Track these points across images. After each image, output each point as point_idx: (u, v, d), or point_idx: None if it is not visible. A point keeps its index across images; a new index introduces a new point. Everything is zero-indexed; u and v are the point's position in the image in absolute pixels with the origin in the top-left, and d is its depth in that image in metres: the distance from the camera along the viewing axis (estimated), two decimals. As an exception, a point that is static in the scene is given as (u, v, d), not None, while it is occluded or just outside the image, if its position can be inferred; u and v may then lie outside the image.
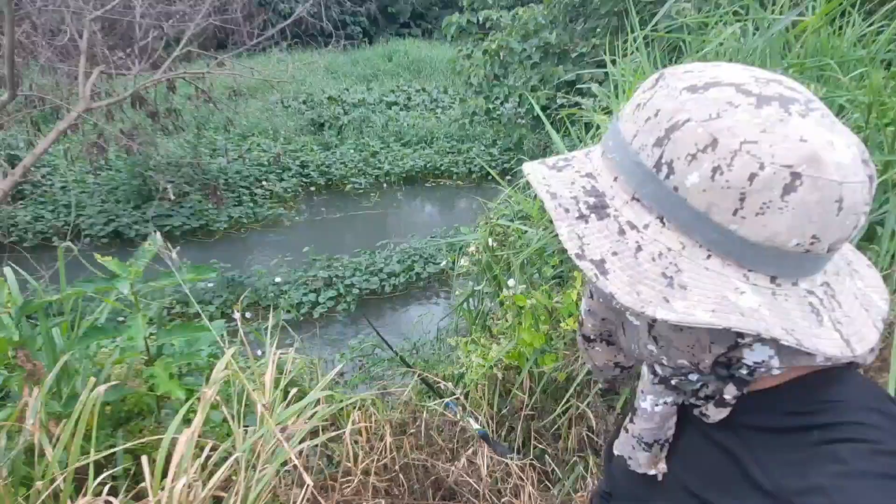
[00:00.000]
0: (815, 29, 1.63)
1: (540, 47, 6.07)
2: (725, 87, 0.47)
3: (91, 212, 7.17)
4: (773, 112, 0.45)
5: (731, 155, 0.44)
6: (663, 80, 0.51)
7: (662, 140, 0.47)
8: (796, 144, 0.44)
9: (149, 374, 1.33)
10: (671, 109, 0.48)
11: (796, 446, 0.49)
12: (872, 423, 0.48)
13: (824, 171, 0.43)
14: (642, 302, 0.46)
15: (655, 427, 0.59)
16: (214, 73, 7.16)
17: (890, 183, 1.44)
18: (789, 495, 0.46)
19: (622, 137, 0.52)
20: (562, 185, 0.54)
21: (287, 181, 8.47)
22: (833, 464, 0.45)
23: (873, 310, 0.52)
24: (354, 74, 14.69)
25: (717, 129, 0.45)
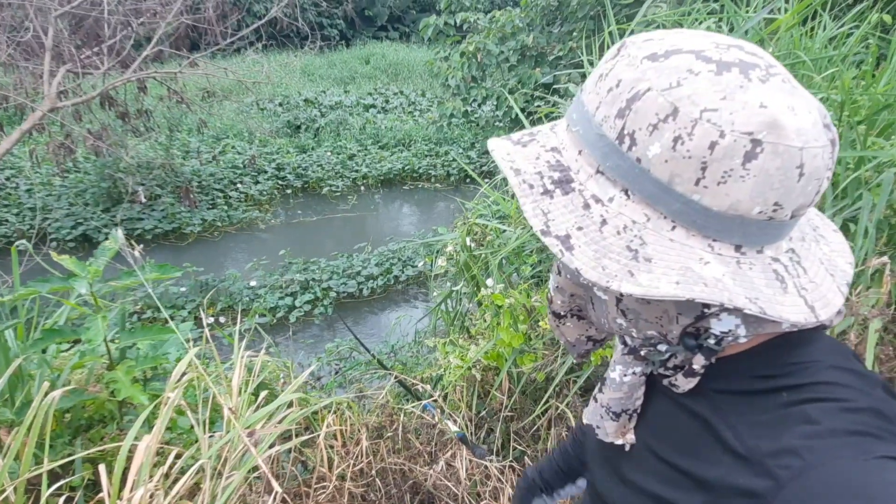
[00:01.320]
0: (788, 28, 1.64)
1: (517, 50, 6.08)
2: (686, 54, 0.46)
3: (58, 215, 6.97)
4: (733, 78, 0.44)
5: (692, 124, 0.43)
6: (625, 49, 0.49)
7: (624, 111, 0.46)
8: (756, 111, 0.43)
9: (109, 378, 1.27)
10: (632, 79, 0.46)
11: (766, 408, 0.49)
12: (840, 381, 0.49)
13: (784, 136, 0.43)
14: (607, 276, 0.46)
15: (624, 396, 0.61)
16: (186, 74, 7.02)
17: (863, 179, 1.45)
18: (761, 457, 0.46)
19: (586, 109, 0.50)
20: (526, 161, 0.52)
21: (262, 184, 8.36)
22: (803, 424, 0.46)
23: (839, 274, 0.52)
24: (331, 77, 14.60)
25: (678, 98, 0.44)
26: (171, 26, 6.70)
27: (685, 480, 0.53)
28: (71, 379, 1.33)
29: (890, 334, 1.65)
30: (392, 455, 1.81)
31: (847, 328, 1.41)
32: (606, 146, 0.48)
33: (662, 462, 0.57)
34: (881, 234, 1.56)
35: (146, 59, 6.64)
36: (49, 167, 7.73)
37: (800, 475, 0.42)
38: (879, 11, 2.02)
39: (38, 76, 5.84)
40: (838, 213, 1.46)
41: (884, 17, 1.93)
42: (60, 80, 5.76)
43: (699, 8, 2.32)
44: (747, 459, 0.47)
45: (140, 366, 1.32)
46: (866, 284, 1.41)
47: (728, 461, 0.49)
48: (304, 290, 5.32)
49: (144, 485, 0.97)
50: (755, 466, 0.46)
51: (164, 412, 1.10)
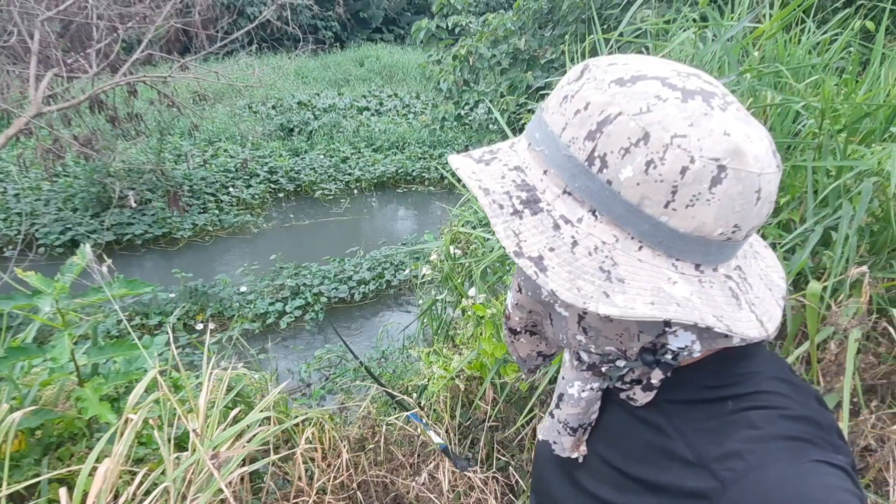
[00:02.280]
0: (770, 35, 1.63)
1: (509, 53, 6.08)
2: (651, 80, 0.47)
3: (46, 220, 6.92)
4: (697, 106, 0.46)
5: (664, 149, 0.45)
6: (588, 71, 0.50)
7: (594, 133, 0.47)
8: (721, 138, 0.45)
9: (77, 396, 1.24)
10: (602, 102, 0.47)
11: (713, 416, 0.52)
12: (779, 391, 0.52)
13: (745, 163, 0.45)
14: (583, 297, 0.46)
15: (581, 412, 0.62)
16: (177, 77, 6.98)
17: (843, 188, 1.44)
18: (708, 462, 0.49)
19: (550, 130, 0.51)
20: (492, 180, 0.52)
21: (255, 187, 8.32)
22: (747, 429, 0.49)
23: (775, 289, 0.55)
24: (325, 79, 14.57)
25: (649, 123, 0.45)
26: (162, 30, 6.68)
27: (637, 486, 0.55)
28: (41, 396, 1.30)
29: (872, 342, 1.65)
30: (374, 467, 1.79)
31: (827, 338, 1.40)
32: (575, 167, 0.48)
33: (615, 470, 0.59)
34: (862, 242, 1.56)
35: (136, 62, 6.61)
36: (38, 172, 7.68)
37: (743, 476, 0.45)
38: (862, 18, 2.01)
39: (25, 80, 5.81)
40: (819, 222, 1.45)
41: (867, 23, 1.93)
42: (47, 84, 5.72)
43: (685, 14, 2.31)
44: (695, 464, 0.50)
45: (112, 382, 1.30)
46: (846, 294, 1.40)
47: (678, 466, 0.51)
48: (295, 295, 5.29)
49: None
50: (703, 470, 0.49)
51: (126, 435, 1.07)
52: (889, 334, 1.58)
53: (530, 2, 5.97)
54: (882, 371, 1.68)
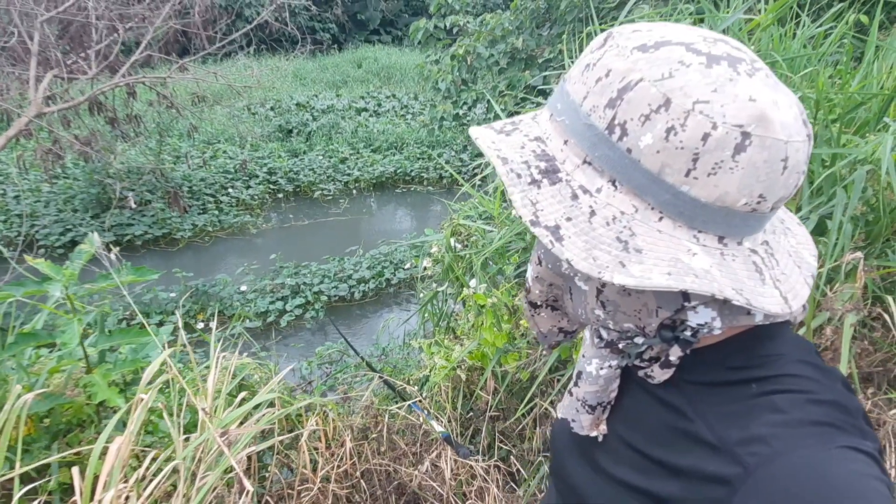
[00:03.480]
0: (765, 28, 1.65)
1: (507, 52, 6.10)
2: (675, 46, 0.46)
3: (46, 221, 6.93)
4: (722, 71, 0.45)
5: (685, 115, 0.44)
6: (612, 39, 0.49)
7: (615, 101, 0.46)
8: (746, 104, 0.44)
9: (86, 381, 1.27)
10: (623, 69, 0.46)
11: (737, 399, 0.51)
12: (805, 374, 0.51)
13: (772, 130, 0.44)
14: (599, 267, 0.46)
15: (600, 390, 0.60)
16: (175, 78, 7.00)
17: (838, 176, 1.47)
18: (731, 445, 0.47)
19: (571, 100, 0.50)
20: (512, 150, 0.51)
21: (254, 188, 8.34)
22: (771, 413, 0.47)
23: (804, 266, 0.54)
24: (323, 81, 14.59)
25: (670, 89, 0.44)
26: (160, 31, 6.70)
27: (658, 469, 0.54)
28: (49, 383, 1.32)
29: (866, 328, 1.67)
30: (377, 456, 1.81)
31: (823, 324, 1.42)
32: (595, 136, 0.48)
33: (635, 452, 0.58)
34: (858, 230, 1.58)
35: (135, 63, 6.62)
36: (37, 173, 7.69)
37: (767, 462, 0.44)
38: (857, 12, 2.04)
39: (25, 82, 5.82)
40: (814, 210, 1.48)
41: (861, 17, 1.96)
42: (47, 85, 5.73)
43: (681, 9, 2.34)
44: (717, 448, 0.48)
45: (119, 369, 1.32)
46: (840, 280, 1.42)
47: (699, 450, 0.50)
48: (295, 294, 5.31)
49: (115, 486, 0.97)
50: (725, 454, 0.47)
51: (136, 414, 1.09)
52: (885, 321, 1.61)
53: (528, 1, 6.00)
54: (878, 358, 1.70)
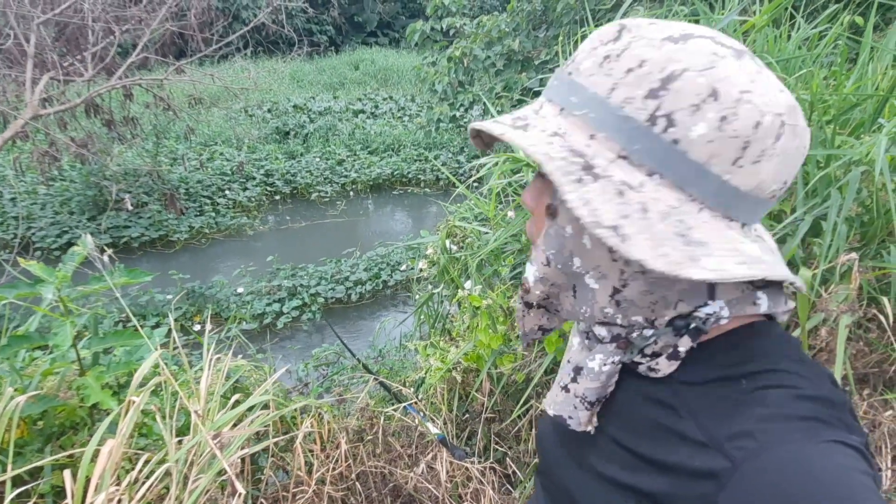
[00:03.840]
0: (759, 29, 1.66)
1: (503, 54, 6.11)
2: (700, 38, 0.46)
3: (42, 223, 6.92)
4: (750, 63, 0.46)
5: (735, 104, 0.44)
6: (629, 31, 0.48)
7: (657, 91, 0.45)
8: (779, 94, 0.46)
9: (79, 384, 1.26)
10: (661, 59, 0.45)
11: (726, 395, 0.50)
12: (794, 370, 0.50)
13: (800, 119, 0.47)
14: (673, 264, 0.44)
15: (601, 386, 0.59)
16: (172, 80, 7.00)
17: (832, 177, 1.47)
18: (720, 442, 0.47)
19: (592, 93, 0.48)
20: (544, 146, 0.48)
21: (251, 190, 8.33)
22: (759, 409, 0.47)
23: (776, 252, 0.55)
24: (320, 83, 14.60)
25: (717, 79, 0.44)
26: (157, 33, 6.69)
27: (646, 466, 0.53)
28: (42, 386, 1.31)
29: (862, 329, 1.67)
30: (372, 458, 1.81)
31: (818, 324, 1.42)
32: (633, 129, 0.46)
33: (624, 449, 0.57)
34: (853, 231, 1.58)
35: (131, 66, 6.62)
36: (33, 176, 7.67)
37: (754, 456, 0.44)
38: (852, 13, 2.05)
39: (21, 84, 5.81)
40: (809, 212, 1.48)
41: (856, 19, 1.96)
42: (43, 87, 5.72)
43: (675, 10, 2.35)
44: (706, 445, 0.48)
45: (113, 372, 1.31)
46: (836, 281, 1.42)
47: (688, 446, 0.50)
48: (292, 296, 5.30)
49: (107, 489, 0.97)
50: (713, 450, 0.47)
51: (128, 416, 1.09)
52: (880, 322, 1.61)
53: (524, 3, 6.01)
54: (874, 359, 1.70)
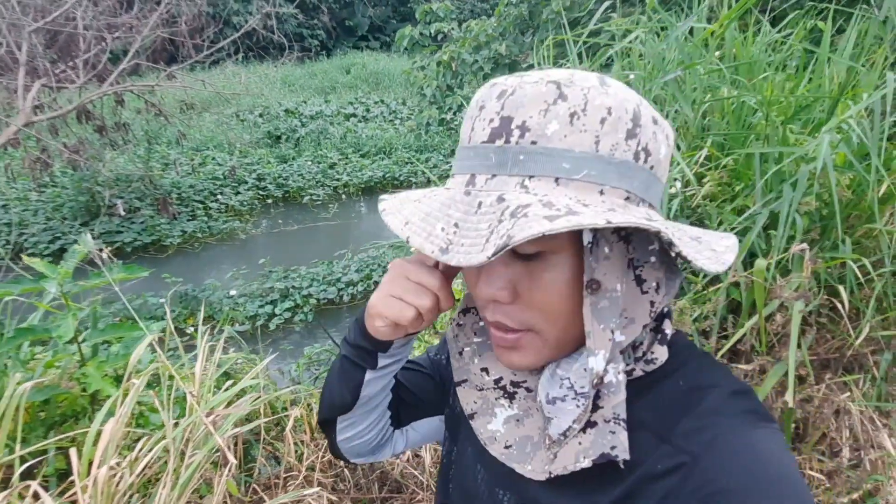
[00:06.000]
0: (721, 33, 1.76)
1: (491, 58, 6.21)
2: (597, 79, 0.52)
3: (34, 230, 6.95)
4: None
5: (664, 124, 0.53)
6: (566, 87, 0.49)
7: (633, 131, 0.49)
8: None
9: (81, 373, 1.33)
10: (619, 104, 0.49)
11: (670, 398, 0.55)
12: (713, 366, 0.57)
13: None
14: (719, 263, 0.50)
15: (623, 397, 0.54)
16: (164, 86, 7.05)
17: (787, 173, 1.57)
18: (676, 439, 0.51)
19: (580, 152, 0.48)
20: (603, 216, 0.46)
21: (243, 194, 8.39)
22: (701, 407, 0.52)
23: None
24: (312, 87, 14.67)
25: (649, 108, 0.52)
26: (148, 39, 6.75)
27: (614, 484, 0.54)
28: (45, 376, 1.39)
29: (823, 317, 1.77)
30: (360, 447, 1.88)
31: (773, 311, 1.52)
32: (630, 169, 0.50)
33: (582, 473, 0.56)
34: (811, 224, 1.68)
35: (123, 72, 6.67)
36: (25, 182, 7.71)
37: (710, 446, 0.49)
38: (814, 18, 2.15)
39: (13, 91, 5.86)
40: (766, 205, 1.58)
41: (819, 23, 2.07)
42: (35, 94, 5.77)
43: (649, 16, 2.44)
44: (662, 446, 0.51)
45: (112, 363, 1.39)
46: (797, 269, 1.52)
47: (650, 454, 0.52)
48: (285, 297, 5.37)
49: (108, 463, 1.04)
50: (673, 449, 0.51)
51: (129, 398, 1.17)
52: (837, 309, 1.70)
53: (511, 8, 6.11)
54: (835, 345, 1.80)
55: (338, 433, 0.76)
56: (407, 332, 0.65)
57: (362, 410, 0.73)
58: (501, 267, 0.53)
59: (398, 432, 0.82)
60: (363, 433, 0.76)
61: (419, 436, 0.84)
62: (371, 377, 0.70)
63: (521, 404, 0.62)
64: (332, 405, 0.73)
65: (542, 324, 0.54)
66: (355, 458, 0.81)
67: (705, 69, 1.83)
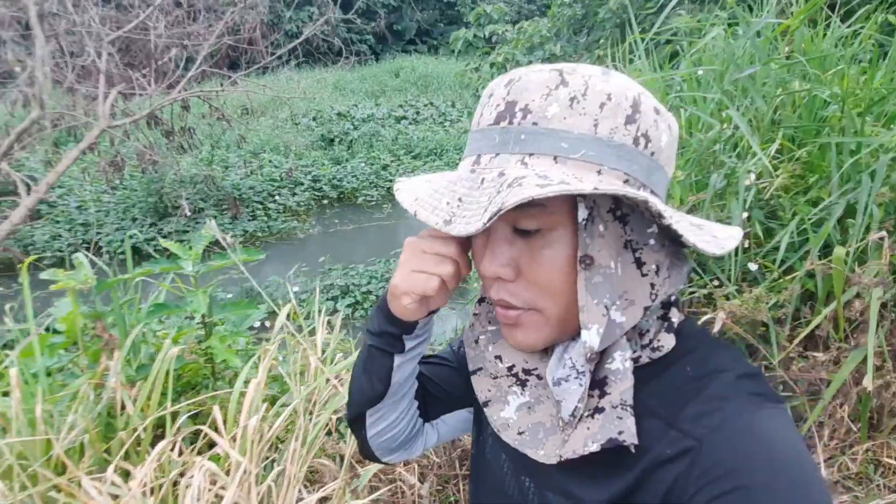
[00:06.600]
0: (794, 30, 1.79)
1: (545, 59, 6.27)
2: (597, 70, 0.54)
3: (108, 229, 7.39)
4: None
5: (667, 114, 0.55)
6: (571, 73, 0.53)
7: (633, 116, 0.51)
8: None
9: (207, 345, 1.49)
10: (619, 91, 0.52)
11: (678, 385, 0.55)
12: (721, 352, 0.57)
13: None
14: (720, 247, 0.52)
15: (630, 384, 0.55)
16: (229, 92, 7.40)
17: (864, 165, 1.59)
18: (684, 424, 0.52)
19: (578, 133, 0.51)
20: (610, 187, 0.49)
21: (299, 195, 8.69)
22: (708, 391, 0.53)
23: None
24: (362, 91, 14.99)
25: (651, 98, 0.55)
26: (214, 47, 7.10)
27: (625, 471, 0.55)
28: (173, 350, 1.56)
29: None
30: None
31: (851, 298, 1.55)
32: (628, 153, 0.51)
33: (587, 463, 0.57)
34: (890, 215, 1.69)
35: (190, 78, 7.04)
36: (97, 184, 8.20)
37: (717, 430, 0.49)
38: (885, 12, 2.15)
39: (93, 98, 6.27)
40: (843, 196, 1.61)
41: (889, 17, 2.07)
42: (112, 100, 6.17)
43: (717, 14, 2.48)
44: (672, 432, 0.52)
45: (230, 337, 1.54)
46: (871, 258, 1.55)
47: (659, 441, 0.52)
48: (345, 294, 5.57)
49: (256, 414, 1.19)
50: (681, 434, 0.51)
51: (265, 360, 1.31)
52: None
53: (565, 8, 6.16)
54: (912, 337, 1.80)
55: (368, 428, 0.76)
56: (430, 310, 0.66)
57: (392, 400, 0.74)
58: (505, 245, 0.55)
59: (428, 426, 0.82)
60: (394, 424, 0.76)
61: (450, 428, 0.84)
62: (400, 362, 0.70)
63: (532, 392, 0.63)
64: (363, 398, 0.74)
65: (544, 301, 0.55)
66: (387, 455, 0.81)
67: (778, 64, 1.86)
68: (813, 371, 1.67)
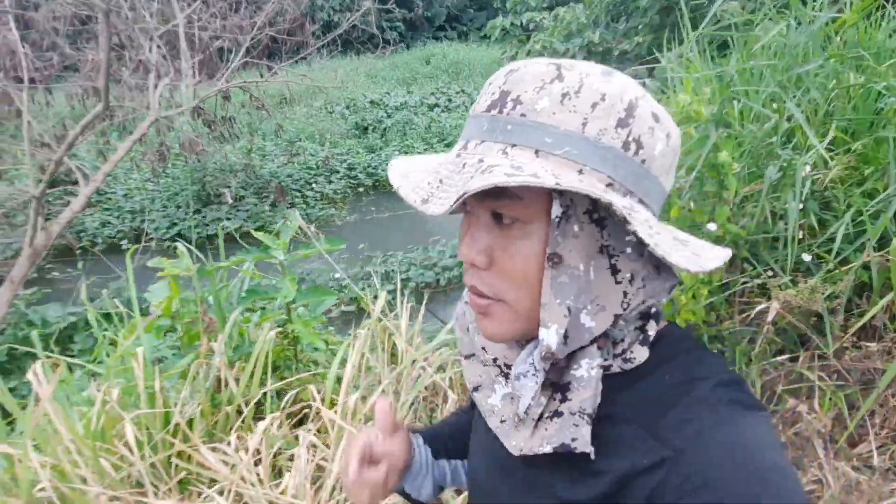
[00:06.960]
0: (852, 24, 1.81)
1: (583, 46, 6.25)
2: (597, 69, 0.53)
3: (154, 216, 7.66)
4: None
5: (667, 123, 0.53)
6: (565, 69, 0.52)
7: (625, 120, 0.50)
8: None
9: (292, 328, 1.62)
10: (616, 92, 0.50)
11: (655, 394, 0.54)
12: (701, 359, 0.56)
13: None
14: (699, 265, 0.50)
15: (593, 393, 0.54)
16: (270, 82, 7.56)
17: None
18: (662, 433, 0.51)
19: (565, 130, 0.50)
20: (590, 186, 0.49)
21: (336, 183, 8.86)
22: (687, 398, 0.52)
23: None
24: (394, 78, 15.06)
25: (653, 104, 0.53)
26: (256, 39, 7.27)
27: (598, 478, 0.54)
28: (257, 333, 1.69)
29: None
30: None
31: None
32: (615, 157, 0.50)
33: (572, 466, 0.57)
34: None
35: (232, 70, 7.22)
36: (142, 174, 8.50)
37: (696, 438, 0.49)
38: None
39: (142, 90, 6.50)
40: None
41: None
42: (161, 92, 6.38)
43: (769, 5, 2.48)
44: (647, 441, 0.51)
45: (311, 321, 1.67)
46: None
47: (635, 450, 0.52)
48: (386, 280, 5.71)
49: (356, 392, 1.30)
50: (658, 444, 0.50)
51: (358, 345, 1.43)
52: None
53: (602, -5, 6.12)
54: None
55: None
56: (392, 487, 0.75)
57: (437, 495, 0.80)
58: (484, 232, 0.55)
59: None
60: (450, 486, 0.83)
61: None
62: (417, 494, 0.79)
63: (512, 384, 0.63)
64: None
65: (511, 293, 0.55)
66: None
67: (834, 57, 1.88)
68: (867, 361, 1.72)
